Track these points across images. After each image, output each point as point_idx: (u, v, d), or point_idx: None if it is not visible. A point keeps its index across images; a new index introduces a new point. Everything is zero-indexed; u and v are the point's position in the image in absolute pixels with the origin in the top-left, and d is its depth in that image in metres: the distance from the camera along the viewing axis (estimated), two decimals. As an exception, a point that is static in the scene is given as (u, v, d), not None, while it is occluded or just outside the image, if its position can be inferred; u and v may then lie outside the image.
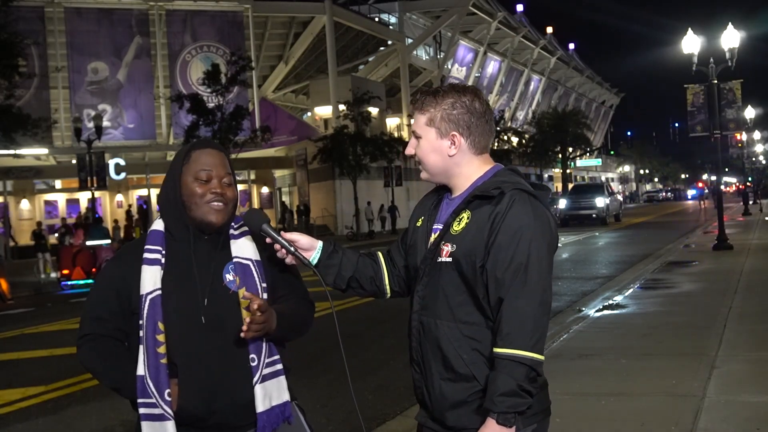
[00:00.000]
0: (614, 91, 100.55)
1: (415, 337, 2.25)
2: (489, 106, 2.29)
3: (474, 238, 2.13)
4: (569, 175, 66.86)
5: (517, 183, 2.17)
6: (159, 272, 2.23)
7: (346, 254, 2.40)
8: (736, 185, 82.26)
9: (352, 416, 5.80)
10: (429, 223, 2.31)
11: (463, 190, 2.25)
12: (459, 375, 2.14)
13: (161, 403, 2.16)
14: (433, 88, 2.31)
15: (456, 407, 2.16)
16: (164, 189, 2.31)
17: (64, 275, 19.52)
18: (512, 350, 2.03)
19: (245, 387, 2.21)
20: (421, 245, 2.28)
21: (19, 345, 10.33)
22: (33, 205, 38.23)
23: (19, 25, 25.04)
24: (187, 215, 2.26)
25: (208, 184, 2.25)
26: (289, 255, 2.29)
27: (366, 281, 2.41)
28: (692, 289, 11.23)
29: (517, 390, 2.02)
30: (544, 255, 2.12)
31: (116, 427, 6.01)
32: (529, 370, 2.04)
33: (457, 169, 2.25)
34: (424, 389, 2.24)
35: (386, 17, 52.52)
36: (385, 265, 2.44)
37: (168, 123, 39.23)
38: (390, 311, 10.89)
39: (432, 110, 2.24)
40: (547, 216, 2.18)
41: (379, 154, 38.27)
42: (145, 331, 2.18)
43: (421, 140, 2.27)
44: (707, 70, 18.11)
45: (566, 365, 6.67)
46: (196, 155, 2.28)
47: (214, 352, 2.20)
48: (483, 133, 2.24)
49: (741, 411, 5.13)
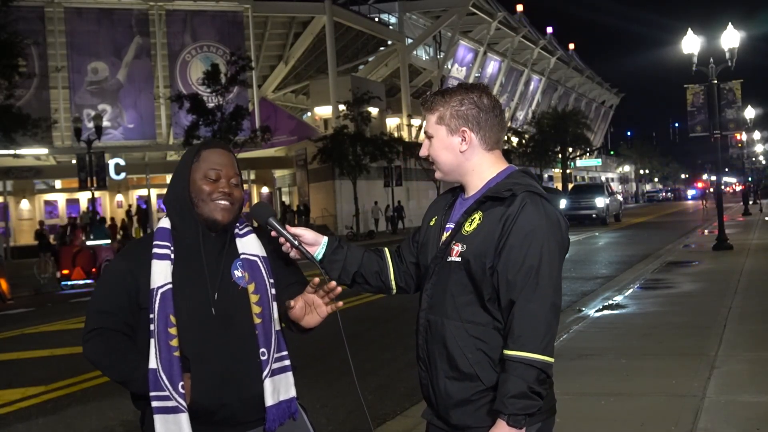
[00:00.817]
0: (614, 91, 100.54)
1: (422, 335, 2.27)
2: (498, 101, 2.31)
3: (485, 239, 2.14)
4: (569, 175, 66.87)
5: (529, 185, 2.19)
6: (169, 267, 2.25)
7: (351, 249, 2.42)
8: (733, 186, 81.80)
9: (352, 416, 5.81)
10: (443, 222, 2.33)
11: (476, 190, 2.26)
12: (463, 374, 2.15)
13: (175, 395, 2.17)
14: (442, 88, 2.34)
15: (460, 406, 2.17)
16: (172, 187, 2.34)
17: (64, 275, 19.51)
18: (524, 353, 2.05)
19: (255, 381, 2.24)
20: (433, 244, 2.30)
21: (19, 345, 10.33)
22: (33, 205, 38.24)
23: (19, 25, 25.05)
24: (195, 212, 2.28)
25: (217, 182, 2.28)
26: (293, 249, 2.31)
27: (371, 276, 2.43)
28: (692, 289, 11.24)
29: (527, 392, 2.03)
30: (555, 257, 2.14)
31: (116, 427, 6.00)
32: (540, 373, 2.05)
33: (469, 165, 2.26)
34: (430, 387, 2.26)
35: (386, 17, 52.53)
36: (391, 261, 2.46)
37: (168, 123, 39.24)
38: (391, 311, 10.90)
39: (441, 108, 2.26)
40: (558, 218, 2.19)
41: (379, 154, 38.28)
42: (156, 325, 2.20)
43: (433, 139, 2.30)
44: (707, 70, 18.11)
45: (566, 365, 6.67)
46: (206, 154, 2.31)
47: (225, 345, 2.22)
48: (493, 128, 2.26)
49: (741, 411, 5.13)
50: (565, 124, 60.11)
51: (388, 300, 10.66)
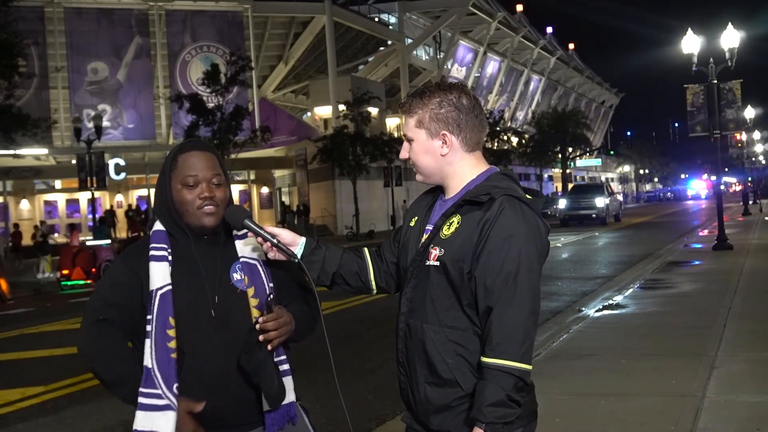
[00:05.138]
0: (614, 91, 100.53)
1: (402, 339, 2.24)
2: (477, 100, 2.26)
3: (463, 244, 2.11)
4: (569, 175, 66.86)
5: (507, 189, 2.14)
6: (168, 268, 2.23)
7: (330, 250, 2.38)
8: (733, 185, 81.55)
9: (352, 416, 5.80)
10: (422, 223, 2.29)
11: (456, 192, 2.23)
12: (443, 380, 2.13)
13: (168, 395, 2.15)
14: (419, 89, 2.28)
15: (440, 412, 2.15)
16: (157, 196, 2.32)
17: (64, 275, 19.51)
18: (502, 360, 2.02)
19: (252, 385, 2.22)
20: (413, 246, 2.27)
21: (19, 345, 10.33)
22: (33, 206, 38.24)
23: (19, 25, 25.06)
24: (182, 221, 2.26)
25: (196, 189, 2.24)
26: (273, 249, 2.27)
27: (351, 277, 2.39)
28: (692, 289, 11.23)
29: (505, 400, 2.00)
30: (534, 263, 2.10)
31: (116, 427, 6.00)
32: (518, 381, 2.02)
33: (450, 169, 2.23)
34: (410, 392, 2.23)
35: (386, 17, 52.52)
36: (370, 261, 2.42)
37: (168, 123, 39.25)
38: (390, 311, 10.87)
39: (420, 111, 2.21)
40: (537, 223, 2.14)
41: (379, 154, 38.25)
42: (154, 326, 2.18)
43: (413, 143, 2.25)
44: (707, 70, 18.11)
45: (566, 365, 6.67)
46: (182, 159, 2.27)
47: (224, 349, 2.21)
48: (473, 129, 2.22)
49: (741, 411, 5.13)
50: (565, 124, 60.14)
51: (387, 300, 10.63)
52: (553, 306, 10.74)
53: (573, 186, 47.26)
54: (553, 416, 4.96)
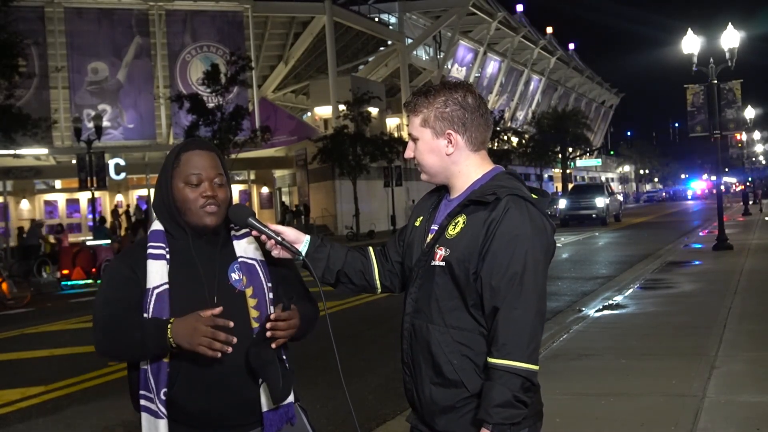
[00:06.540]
0: (614, 91, 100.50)
1: (407, 339, 2.23)
2: (483, 99, 2.24)
3: (468, 244, 2.10)
4: (569, 175, 66.84)
5: (513, 188, 2.13)
6: (165, 267, 2.22)
7: (334, 248, 2.37)
8: (734, 186, 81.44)
9: (351, 416, 5.80)
10: (428, 223, 2.28)
11: (461, 191, 2.22)
12: (448, 380, 2.12)
13: (156, 401, 2.16)
14: (425, 87, 2.26)
15: (445, 412, 2.14)
16: (157, 194, 2.31)
17: (64, 275, 19.51)
18: (508, 361, 2.01)
19: (250, 385, 2.21)
20: (418, 246, 2.26)
21: (19, 345, 10.33)
22: (33, 206, 38.23)
23: (19, 25, 25.04)
24: (182, 219, 2.26)
25: (199, 187, 2.23)
26: (277, 247, 2.26)
27: (355, 275, 2.38)
28: (692, 289, 11.23)
29: (512, 401, 1.99)
30: (540, 263, 2.09)
31: (116, 427, 6.00)
32: (525, 381, 2.01)
33: (455, 168, 2.21)
34: (414, 392, 2.22)
35: (386, 17, 52.49)
36: (375, 260, 2.41)
37: (168, 123, 39.23)
38: (391, 311, 10.88)
39: (425, 110, 2.20)
40: (543, 223, 2.13)
41: (379, 154, 38.23)
42: None
43: (418, 142, 2.24)
44: (707, 70, 18.11)
45: (566, 365, 6.67)
46: (185, 158, 2.27)
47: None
48: (479, 128, 2.20)
49: (741, 411, 5.13)
50: (565, 124, 60.12)
51: (389, 300, 10.66)
52: (554, 306, 10.74)
53: (573, 186, 47.26)
54: (553, 416, 4.95)
